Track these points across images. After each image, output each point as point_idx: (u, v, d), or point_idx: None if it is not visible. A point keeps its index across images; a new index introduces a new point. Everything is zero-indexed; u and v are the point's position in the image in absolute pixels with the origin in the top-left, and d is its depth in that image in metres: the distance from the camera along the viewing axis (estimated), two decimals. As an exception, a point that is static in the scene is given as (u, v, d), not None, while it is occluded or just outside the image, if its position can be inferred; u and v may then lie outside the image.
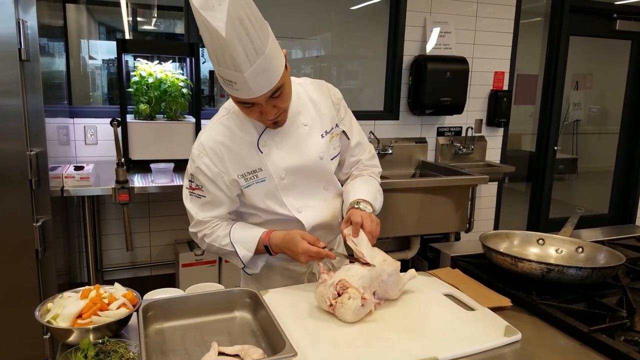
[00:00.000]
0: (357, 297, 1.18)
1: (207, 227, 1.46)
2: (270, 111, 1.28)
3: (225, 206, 1.45)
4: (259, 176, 1.41)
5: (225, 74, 1.18)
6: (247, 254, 1.44)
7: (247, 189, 1.42)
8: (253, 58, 1.15)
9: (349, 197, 1.49)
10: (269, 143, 1.41)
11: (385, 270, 1.29)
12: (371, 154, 1.65)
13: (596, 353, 1.11)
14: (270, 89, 1.22)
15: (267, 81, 1.20)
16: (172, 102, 2.97)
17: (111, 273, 3.30)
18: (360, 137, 1.61)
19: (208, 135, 1.40)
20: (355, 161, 1.62)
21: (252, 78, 1.17)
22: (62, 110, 2.86)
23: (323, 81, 1.56)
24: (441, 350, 1.08)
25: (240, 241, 1.44)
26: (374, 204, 1.47)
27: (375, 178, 1.64)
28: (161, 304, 1.20)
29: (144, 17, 3.58)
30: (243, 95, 1.22)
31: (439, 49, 3.77)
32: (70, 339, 1.08)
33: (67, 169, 2.58)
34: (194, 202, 1.45)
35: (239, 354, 1.04)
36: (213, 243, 1.46)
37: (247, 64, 1.15)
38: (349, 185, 1.56)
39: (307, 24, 3.79)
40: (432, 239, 3.58)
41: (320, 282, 1.27)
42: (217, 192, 1.41)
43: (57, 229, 2.41)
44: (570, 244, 1.63)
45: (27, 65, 2.11)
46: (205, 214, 1.44)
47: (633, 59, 4.75)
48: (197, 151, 1.40)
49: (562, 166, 4.96)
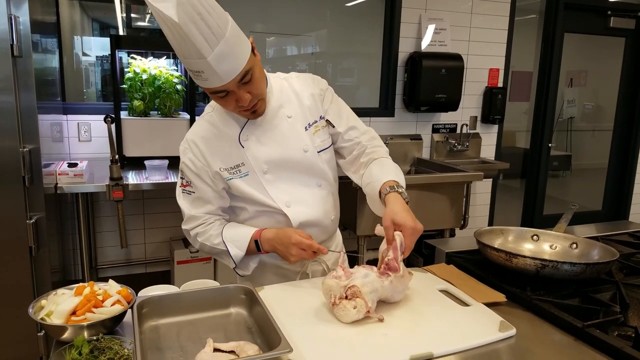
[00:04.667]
0: (362, 309, 1.17)
1: (200, 225, 1.47)
2: (244, 97, 1.29)
3: (213, 202, 1.46)
4: (242, 171, 1.43)
5: (192, 65, 1.21)
6: (238, 252, 1.44)
7: (231, 181, 1.43)
8: (213, 42, 1.17)
9: (375, 186, 1.42)
10: (250, 137, 1.43)
11: (398, 288, 1.27)
12: (370, 136, 1.57)
13: (590, 348, 1.12)
14: (238, 73, 1.24)
15: (232, 65, 1.22)
16: (166, 98, 2.96)
17: (105, 270, 3.28)
18: (354, 122, 1.55)
19: (193, 132, 1.45)
20: (354, 144, 1.54)
21: (216, 63, 1.19)
22: (56, 107, 2.84)
23: (310, 74, 1.56)
24: (436, 346, 1.08)
25: (232, 240, 1.45)
26: (401, 183, 1.43)
27: (386, 157, 1.55)
28: (156, 301, 1.20)
29: (138, 14, 3.56)
30: (213, 84, 1.24)
31: (434, 46, 3.77)
32: (65, 336, 1.07)
33: (60, 165, 2.56)
34: (186, 198, 1.47)
35: (234, 350, 1.04)
36: (205, 242, 1.47)
37: (208, 49, 1.17)
38: (367, 176, 1.49)
39: (302, 20, 3.78)
40: (427, 236, 3.58)
41: (334, 276, 1.23)
42: (204, 187, 1.43)
43: (51, 226, 2.40)
44: (564, 239, 1.63)
45: (20, 62, 2.09)
46: (196, 210, 1.46)
47: (627, 56, 4.77)
48: (182, 147, 1.45)
49: (556, 163, 4.98)
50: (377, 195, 1.42)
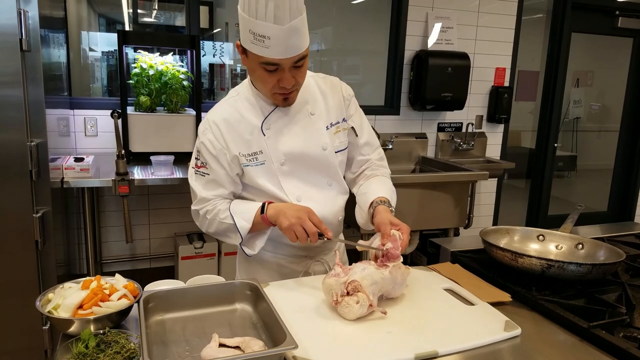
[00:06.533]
0: (365, 303, 1.17)
1: (210, 204, 1.45)
2: (290, 80, 1.30)
3: (227, 185, 1.45)
4: (259, 159, 1.42)
5: (261, 28, 1.21)
6: (245, 224, 1.40)
7: (247, 168, 1.43)
8: (294, 14, 1.21)
9: (368, 197, 1.49)
10: (272, 127, 1.43)
11: (398, 279, 1.28)
12: (380, 156, 1.65)
13: (595, 349, 1.11)
14: (299, 54, 1.26)
15: (299, 43, 1.25)
16: (172, 94, 2.96)
17: (110, 265, 3.30)
18: (370, 138, 1.61)
19: (215, 112, 1.45)
20: (364, 160, 1.61)
21: (288, 34, 1.21)
22: (63, 102, 2.85)
23: (336, 78, 1.58)
24: (441, 344, 1.08)
25: (239, 212, 1.42)
26: (392, 203, 1.49)
27: (388, 178, 1.64)
28: (162, 296, 1.20)
29: (144, 9, 3.57)
30: (273, 54, 1.25)
31: (440, 44, 3.76)
32: (71, 329, 1.08)
33: (67, 160, 2.57)
34: (199, 180, 1.46)
35: (239, 345, 1.05)
36: (214, 218, 1.44)
37: (287, 18, 1.20)
38: (365, 187, 1.56)
39: (308, 17, 3.76)
40: (431, 235, 3.58)
41: (332, 275, 1.24)
42: (219, 169, 1.42)
43: (57, 220, 2.41)
44: (570, 240, 1.63)
45: (28, 56, 2.10)
46: (208, 192, 1.45)
47: (634, 56, 4.74)
48: (202, 127, 1.44)
49: (561, 163, 4.97)
50: (367, 206, 1.48)
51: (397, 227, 1.35)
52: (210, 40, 3.63)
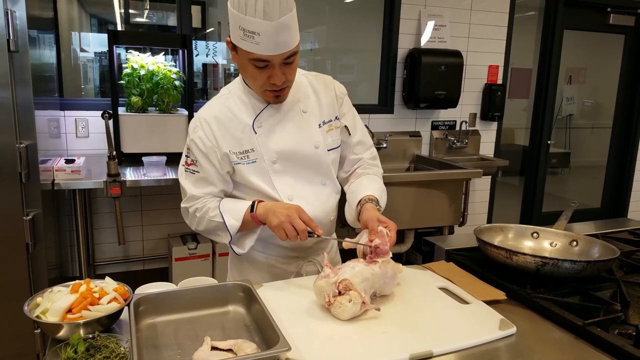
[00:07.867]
0: (357, 301, 1.16)
1: (199, 202, 1.44)
2: (279, 77, 1.30)
3: (217, 184, 1.44)
4: (250, 157, 1.41)
5: (251, 24, 1.21)
6: (234, 223, 1.39)
7: (238, 166, 1.42)
8: (284, 10, 1.21)
9: (357, 195, 1.49)
10: (264, 124, 1.42)
11: (388, 274, 1.27)
12: (373, 155, 1.64)
13: (590, 346, 1.11)
14: (289, 50, 1.26)
15: (289, 39, 1.25)
16: (164, 94, 2.94)
17: (103, 267, 3.27)
18: (363, 137, 1.61)
19: (206, 110, 1.44)
20: (357, 159, 1.60)
21: (278, 31, 1.21)
22: (53, 103, 2.82)
23: (329, 76, 1.57)
24: (436, 344, 1.07)
25: (228, 210, 1.41)
26: (380, 203, 1.49)
27: (380, 178, 1.63)
28: (153, 299, 1.19)
29: (136, 9, 3.54)
30: (263, 51, 1.24)
31: (433, 42, 3.76)
32: (60, 334, 1.06)
33: (58, 162, 2.54)
34: (189, 177, 1.45)
35: (232, 348, 1.03)
36: (204, 216, 1.43)
37: (277, 14, 1.20)
38: (355, 184, 1.56)
39: (301, 17, 3.75)
40: (426, 233, 3.58)
41: (322, 276, 1.23)
42: (210, 167, 1.41)
43: (48, 222, 2.38)
44: (564, 237, 1.62)
45: (16, 57, 2.07)
46: (198, 190, 1.44)
47: (626, 53, 4.76)
48: (193, 125, 1.42)
49: (555, 160, 4.98)
50: (355, 203, 1.48)
51: (385, 224, 1.34)
52: (203, 40, 3.61)
